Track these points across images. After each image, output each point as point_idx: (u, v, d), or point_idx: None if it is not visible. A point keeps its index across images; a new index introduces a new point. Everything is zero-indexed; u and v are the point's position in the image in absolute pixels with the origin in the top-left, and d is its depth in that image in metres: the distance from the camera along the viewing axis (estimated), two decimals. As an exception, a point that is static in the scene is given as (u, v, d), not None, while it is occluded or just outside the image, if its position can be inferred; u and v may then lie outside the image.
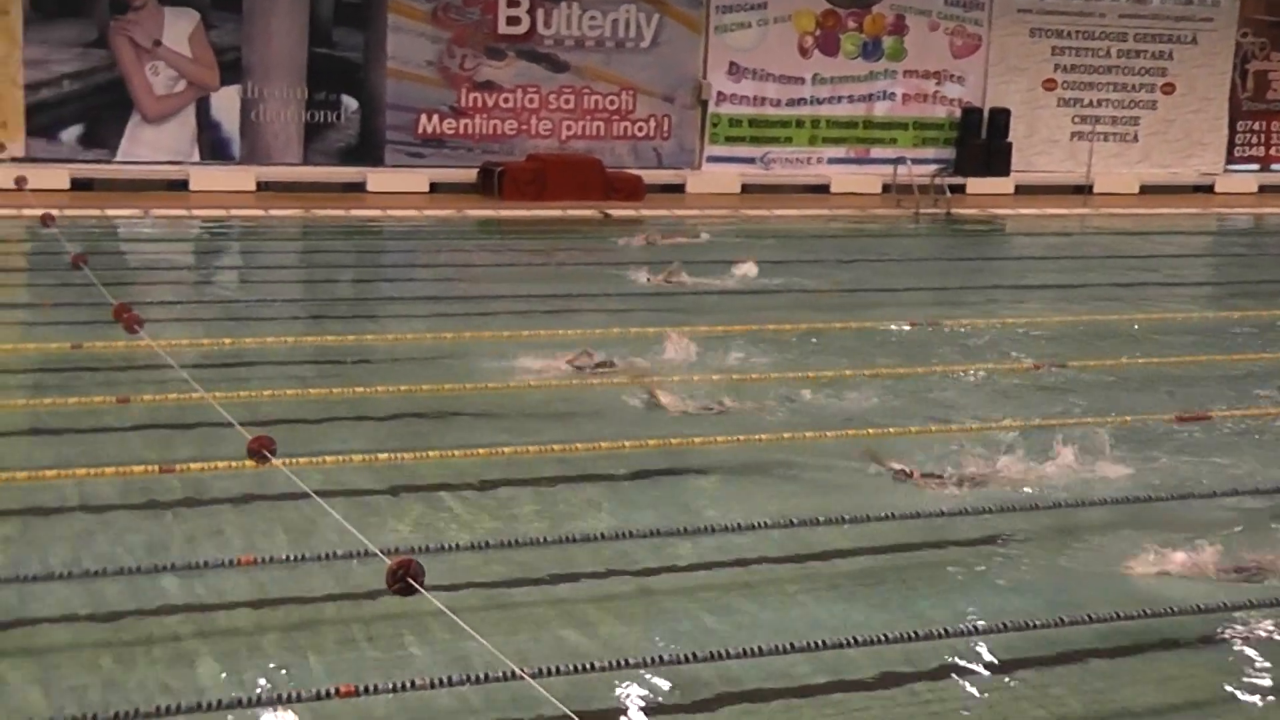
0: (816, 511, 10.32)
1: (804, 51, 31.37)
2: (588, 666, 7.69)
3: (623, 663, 7.83)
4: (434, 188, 28.36)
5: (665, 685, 7.74)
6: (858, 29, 31.67)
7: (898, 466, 11.21)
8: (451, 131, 29.42)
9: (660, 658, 7.90)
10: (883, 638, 8.16)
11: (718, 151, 31.19)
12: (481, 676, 7.48)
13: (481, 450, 11.46)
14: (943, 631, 8.31)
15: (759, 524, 10.06)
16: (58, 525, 9.88)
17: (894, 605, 9.00)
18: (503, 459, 11.32)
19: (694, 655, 7.87)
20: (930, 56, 32.22)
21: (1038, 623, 8.49)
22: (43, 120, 27.21)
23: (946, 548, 9.98)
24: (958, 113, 32.42)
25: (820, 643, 8.02)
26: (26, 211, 23.12)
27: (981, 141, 32.06)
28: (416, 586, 7.30)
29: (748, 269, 19.79)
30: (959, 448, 11.79)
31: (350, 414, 12.71)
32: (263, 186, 27.44)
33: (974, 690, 7.87)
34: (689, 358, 14.65)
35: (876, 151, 32.00)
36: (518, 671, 6.99)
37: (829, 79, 31.60)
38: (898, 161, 29.86)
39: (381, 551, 8.32)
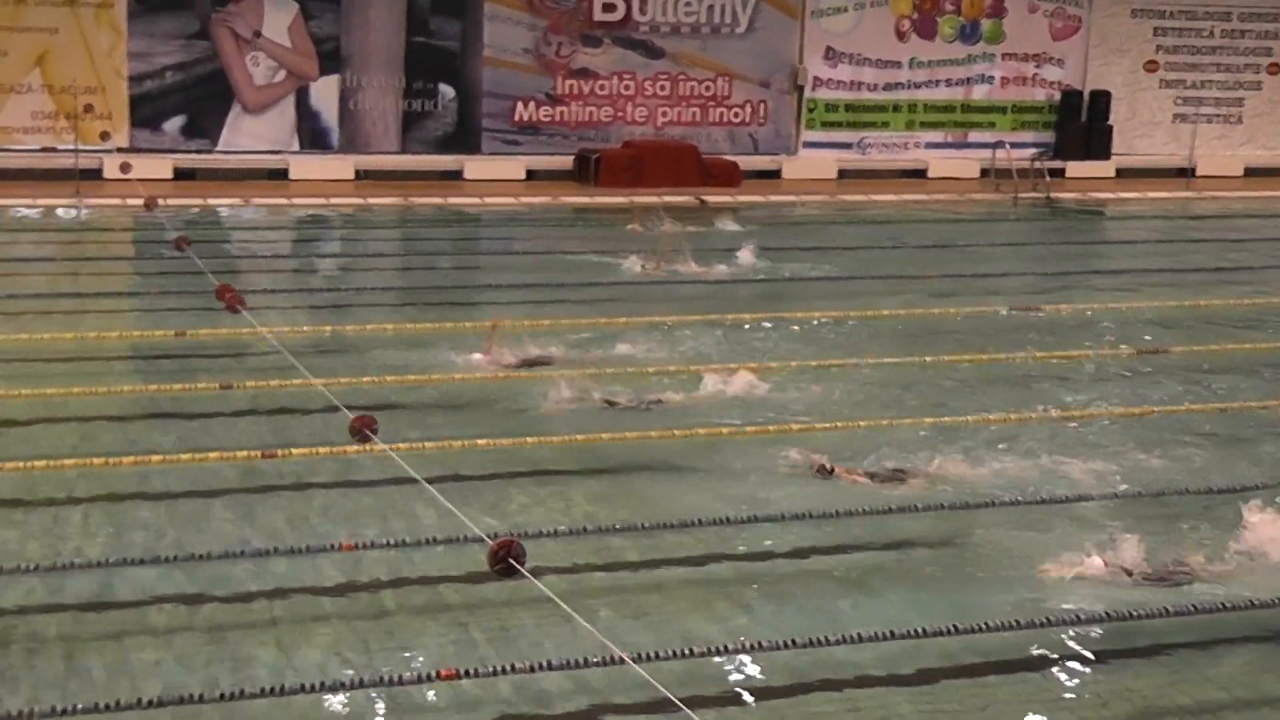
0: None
1: (901, 35, 31.16)
2: (688, 652, 7.70)
3: (724, 648, 7.82)
4: (530, 175, 28.45)
5: (766, 671, 7.73)
6: (955, 12, 31.42)
7: (821, 462, 10.80)
8: (548, 119, 29.47)
9: (759, 644, 7.87)
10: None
11: (814, 137, 31.06)
12: (582, 660, 7.50)
13: (580, 436, 11.49)
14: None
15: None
16: (163, 509, 10.02)
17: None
18: (599, 444, 11.35)
19: (791, 642, 7.85)
20: (1029, 39, 31.91)
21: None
22: (146, 111, 27.55)
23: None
24: (1057, 95, 32.10)
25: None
26: (131, 201, 23.41)
27: (1081, 124, 31.74)
28: (518, 567, 7.33)
29: (744, 255, 19.62)
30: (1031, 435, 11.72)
31: (449, 400, 12.75)
32: (361, 175, 27.65)
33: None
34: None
35: (974, 136, 31.74)
36: (620, 655, 6.98)
37: (926, 63, 31.38)
38: (996, 145, 29.60)
39: (483, 534, 8.34)
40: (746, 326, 15.72)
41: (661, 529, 9.60)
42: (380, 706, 7.29)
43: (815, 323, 16.09)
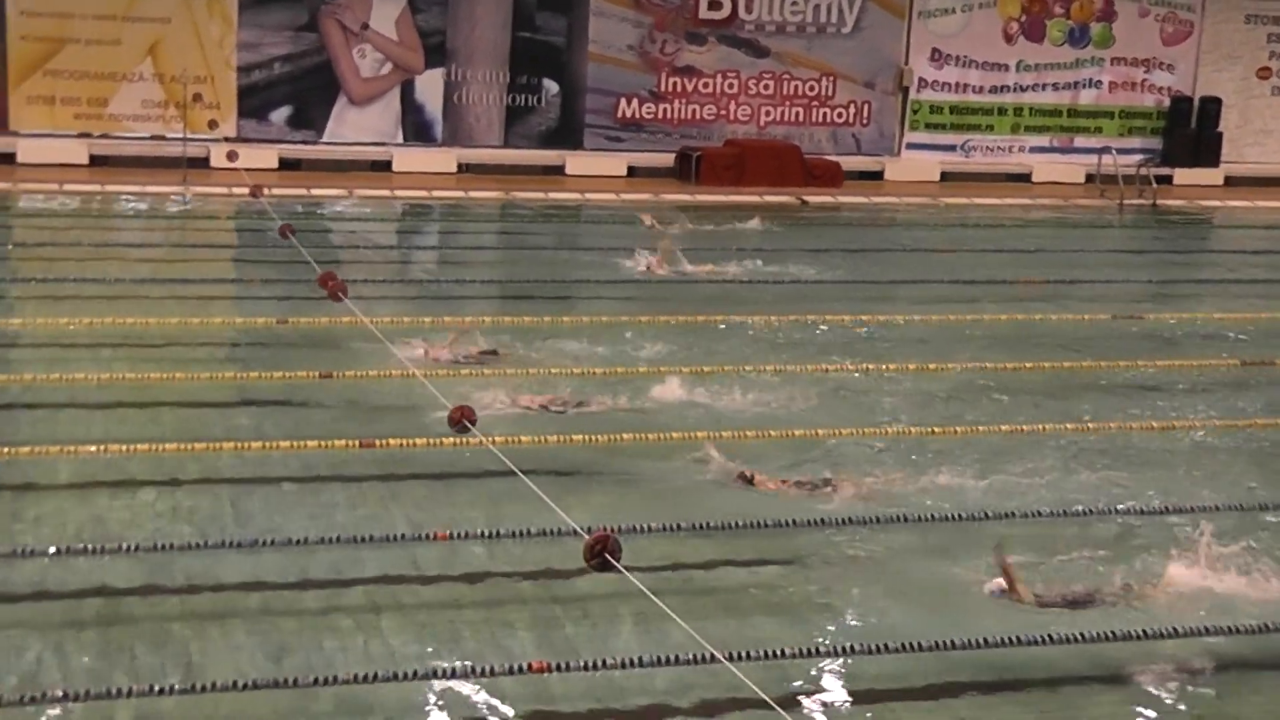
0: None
1: (1009, 38, 30.91)
2: (780, 653, 7.67)
3: (815, 650, 7.79)
4: (632, 171, 28.45)
5: (854, 675, 7.70)
6: (1065, 15, 31.11)
7: (742, 471, 10.59)
8: (650, 116, 29.48)
9: (851, 647, 7.84)
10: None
11: (918, 138, 30.88)
12: (673, 659, 7.50)
13: (675, 434, 11.48)
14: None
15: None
16: (261, 495, 10.13)
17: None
18: (685, 441, 11.35)
19: (884, 646, 7.81)
20: (1139, 44, 31.53)
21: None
22: (254, 102, 27.83)
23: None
24: (1166, 101, 31.70)
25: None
26: (237, 190, 23.65)
27: (1191, 131, 31.32)
28: (614, 563, 7.32)
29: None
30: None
31: (549, 392, 12.77)
32: (463, 168, 27.77)
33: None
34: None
35: (1080, 140, 31.42)
36: (714, 654, 6.97)
37: (1033, 66, 31.10)
38: (1102, 151, 29.28)
39: (580, 528, 8.34)
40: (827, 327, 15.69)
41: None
42: (471, 697, 7.33)
43: (859, 327, 16.06)
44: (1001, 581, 8.59)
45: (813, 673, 7.67)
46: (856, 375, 13.75)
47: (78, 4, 26.65)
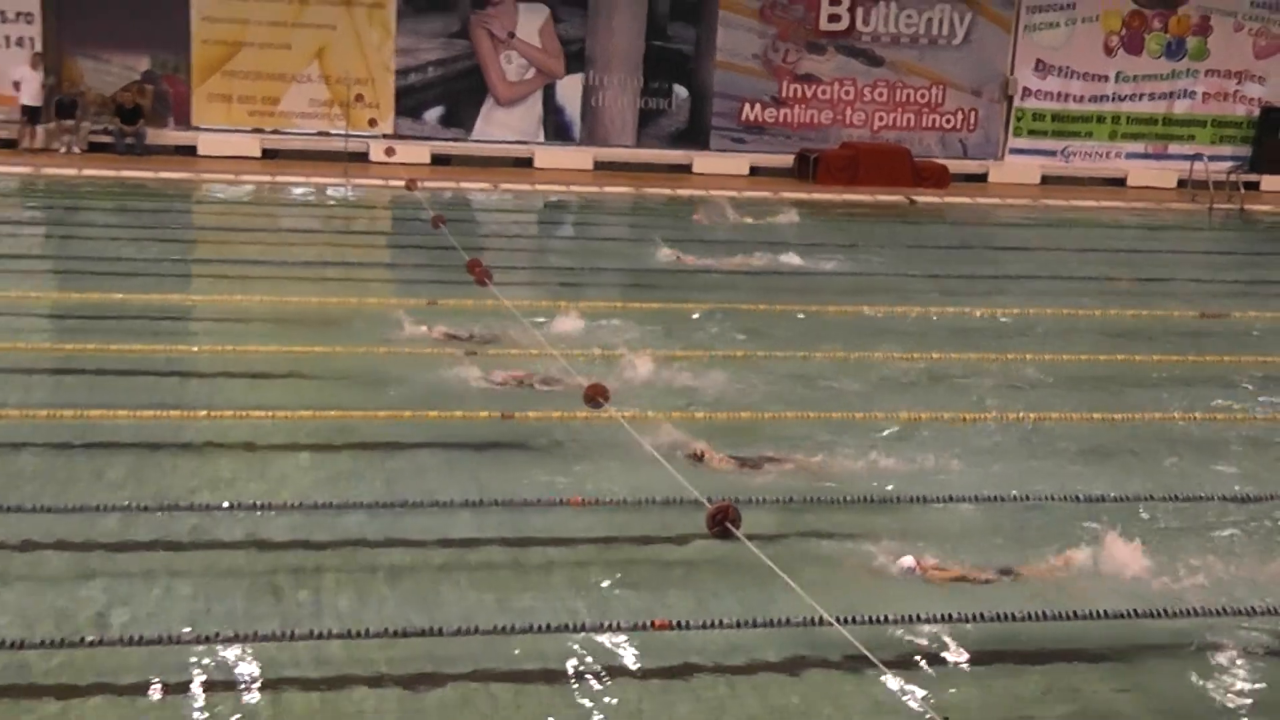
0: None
1: (1109, 50, 30.40)
2: (884, 619, 7.64)
3: (914, 617, 7.74)
4: (753, 171, 28.41)
5: (956, 639, 7.65)
6: (1163, 29, 30.54)
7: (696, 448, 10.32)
8: (772, 120, 29.39)
9: (949, 615, 7.77)
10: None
11: (1021, 144, 30.50)
12: (784, 620, 7.48)
13: (789, 414, 11.44)
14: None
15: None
16: (406, 460, 10.21)
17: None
18: (819, 420, 11.30)
19: (1012, 614, 7.75)
20: (1233, 56, 30.88)
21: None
22: (409, 102, 28.10)
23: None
24: (1256, 112, 31.03)
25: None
26: (393, 182, 23.89)
27: (1278, 140, 30.62)
28: (734, 531, 7.31)
29: (789, 257, 19.08)
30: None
31: (673, 373, 12.77)
32: (599, 166, 27.87)
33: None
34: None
35: (1174, 148, 30.84)
36: (825, 616, 6.94)
37: (1132, 77, 30.57)
38: (1194, 158, 28.71)
39: (702, 497, 8.34)
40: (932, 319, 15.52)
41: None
42: (595, 651, 7.36)
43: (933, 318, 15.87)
44: (910, 560, 8.40)
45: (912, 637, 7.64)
46: (959, 362, 13.65)
47: (253, 11, 27.02)
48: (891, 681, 7.00)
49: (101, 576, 7.99)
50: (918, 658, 7.43)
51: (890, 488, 9.88)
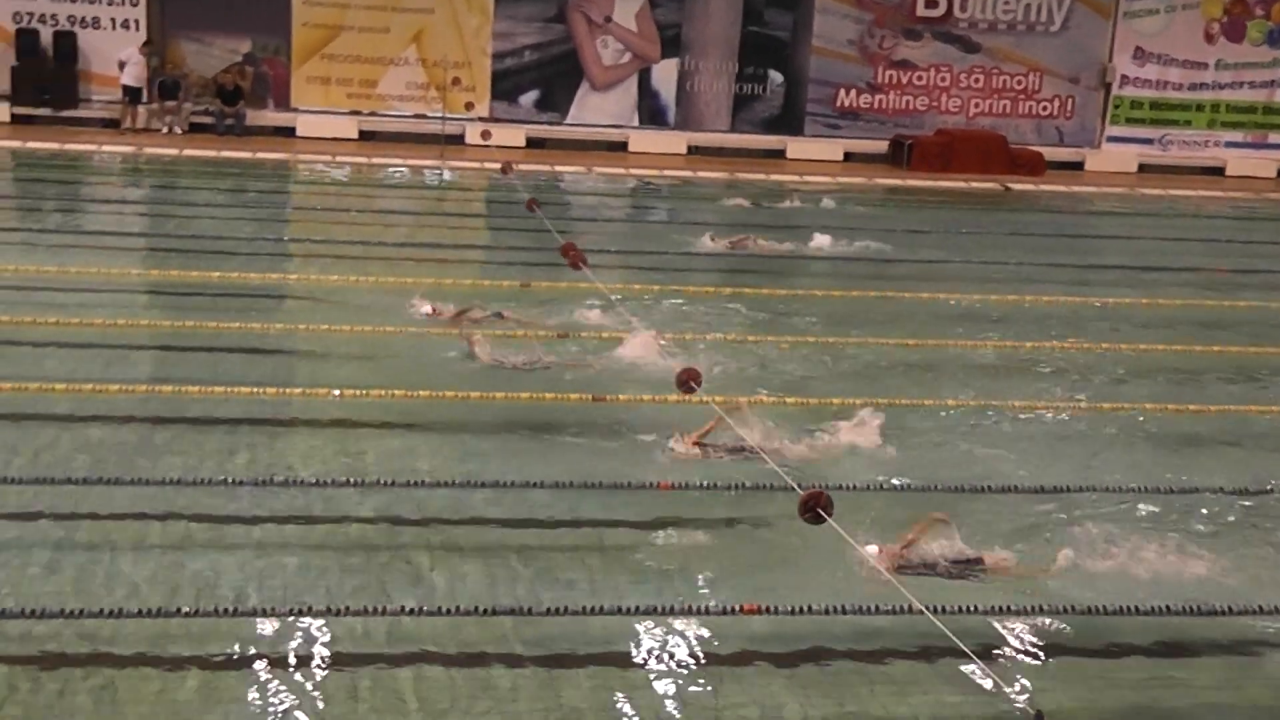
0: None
1: (1209, 38, 29.89)
2: (973, 608, 7.53)
3: (1006, 608, 7.63)
4: (847, 157, 28.22)
5: (1048, 632, 7.53)
6: (1265, 16, 29.97)
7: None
8: (867, 106, 29.18)
9: (1041, 606, 7.66)
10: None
11: (1117, 132, 30.07)
12: (873, 608, 7.40)
13: (882, 400, 11.32)
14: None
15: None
16: (500, 441, 10.20)
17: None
18: (907, 408, 11.20)
19: (1103, 608, 7.62)
20: (1336, 45, 30.32)
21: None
22: (505, 86, 28.17)
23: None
24: (1359, 101, 30.45)
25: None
26: (488, 165, 23.95)
27: (1381, 130, 30.03)
28: (826, 518, 7.24)
29: (822, 241, 18.75)
30: None
31: (765, 358, 12.70)
32: (692, 150, 27.80)
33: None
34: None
35: (1274, 137, 30.33)
36: (915, 604, 6.85)
37: (1232, 65, 30.03)
38: (1295, 147, 28.22)
39: (794, 484, 8.26)
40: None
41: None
42: (686, 633, 7.32)
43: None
44: (874, 549, 8.19)
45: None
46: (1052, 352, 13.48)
47: (353, -5, 27.28)
48: (982, 672, 6.90)
49: (213, 550, 8.07)
50: (1009, 649, 7.32)
51: (969, 475, 9.76)
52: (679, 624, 7.38)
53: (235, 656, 6.86)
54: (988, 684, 6.87)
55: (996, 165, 27.51)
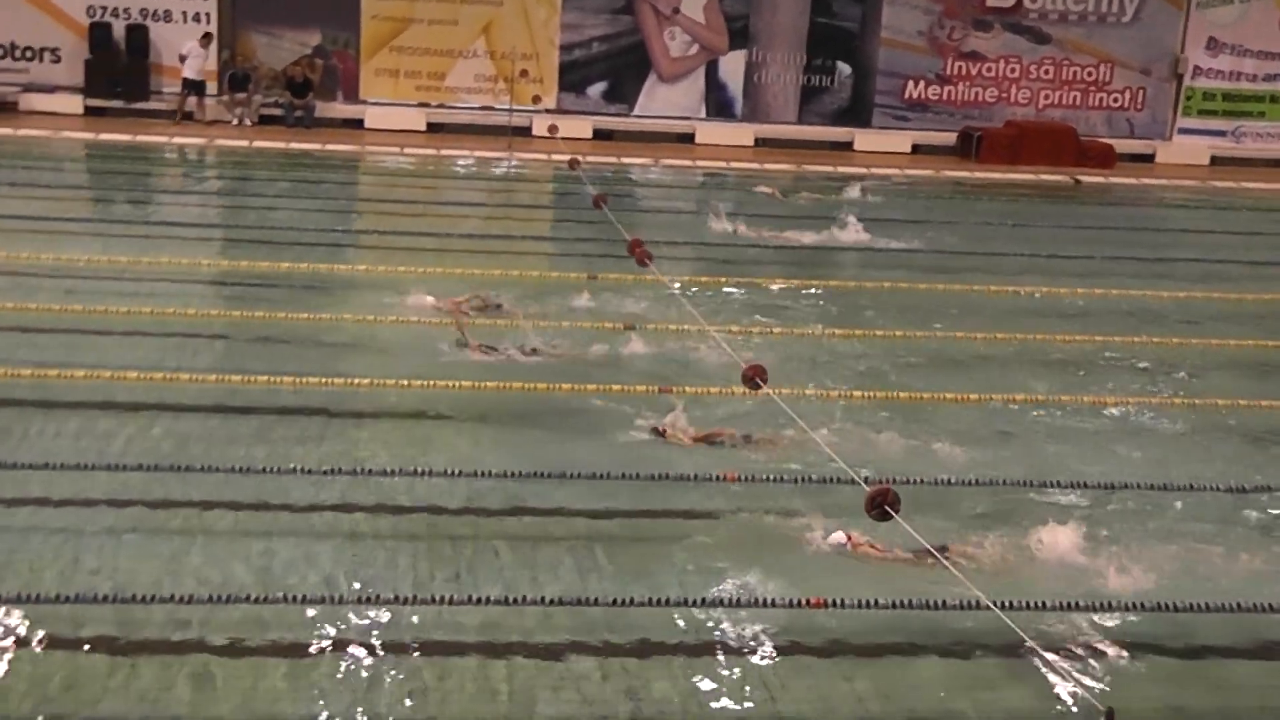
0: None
1: (1285, 28, 29.53)
2: (1041, 604, 7.46)
3: (1075, 603, 7.56)
4: (915, 149, 28.07)
5: (1119, 628, 7.46)
6: (1342, 6, 29.59)
7: (659, 426, 10.10)
8: (935, 97, 29.02)
9: (1107, 603, 7.58)
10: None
11: (1189, 124, 29.74)
12: (940, 603, 7.36)
13: (950, 394, 11.26)
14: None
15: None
16: (567, 431, 10.20)
17: None
18: (978, 403, 11.12)
19: (1174, 604, 7.53)
20: None
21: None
22: (573, 78, 28.21)
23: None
24: None
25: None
26: (555, 157, 23.98)
27: None
28: (893, 514, 7.20)
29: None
30: None
31: (832, 353, 12.65)
32: (760, 142, 27.74)
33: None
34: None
35: (1350, 129, 29.93)
36: (983, 600, 6.80)
37: (1307, 56, 29.68)
38: (1372, 139, 27.82)
39: (860, 479, 8.22)
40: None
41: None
42: (751, 625, 7.30)
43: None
44: (840, 536, 8.19)
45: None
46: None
47: (422, -13, 27.39)
48: (1050, 669, 6.84)
49: (288, 537, 8.15)
50: (1078, 646, 7.25)
51: (1036, 471, 9.68)
52: (744, 616, 7.37)
53: (327, 645, 6.91)
54: (1056, 680, 6.82)
55: (1066, 158, 27.28)
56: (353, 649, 6.90)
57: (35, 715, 6.25)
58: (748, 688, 6.78)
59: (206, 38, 26.31)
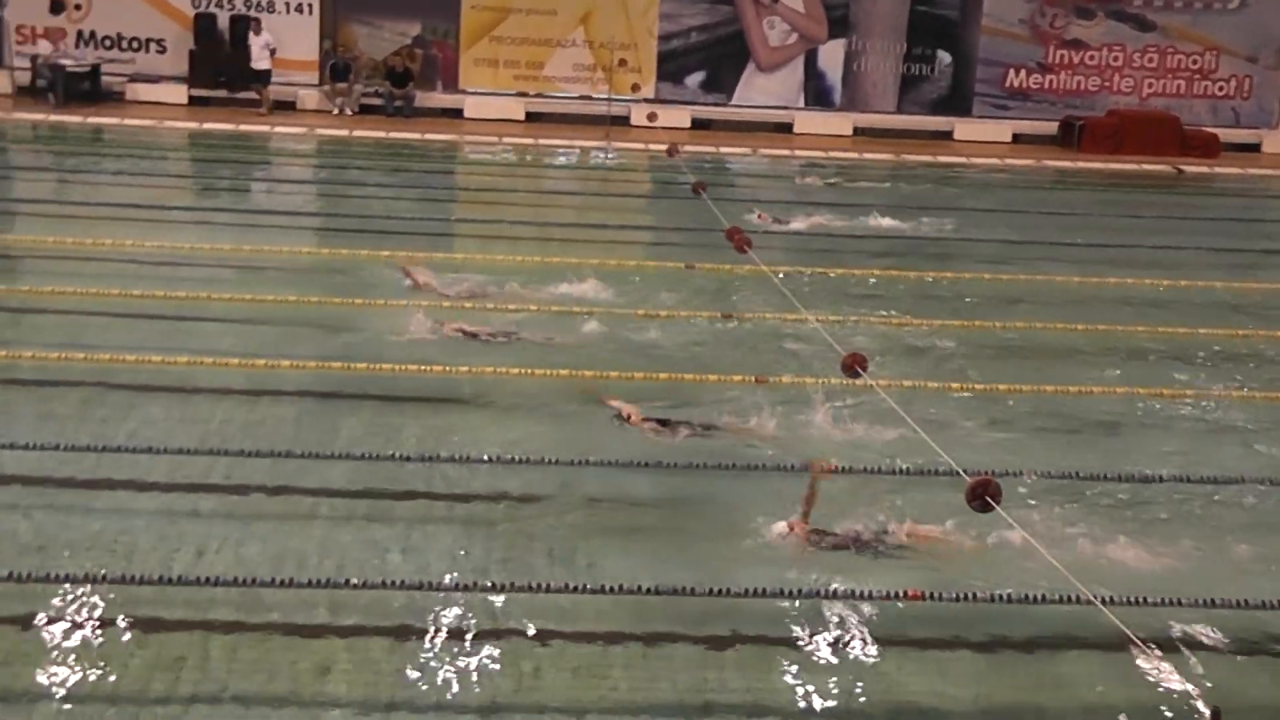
0: None
1: (1401, 12, 28.86)
2: (1143, 600, 7.33)
3: (1177, 600, 7.42)
4: (1016, 138, 27.74)
5: (1230, 624, 7.31)
6: None
7: (618, 407, 10.01)
8: (1036, 86, 28.64)
9: (1214, 600, 7.43)
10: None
11: (1297, 113, 29.19)
12: (1040, 597, 7.26)
13: (1049, 387, 11.11)
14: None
15: None
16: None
17: None
18: (1078, 395, 10.96)
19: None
20: None
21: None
22: (671, 67, 28.15)
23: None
24: None
25: None
26: (653, 146, 23.96)
27: None
28: (994, 506, 7.11)
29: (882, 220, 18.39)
30: None
31: (932, 344, 12.53)
32: (858, 132, 27.54)
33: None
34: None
35: None
36: (1085, 594, 6.69)
37: None
38: None
39: (961, 471, 8.13)
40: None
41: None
42: (850, 616, 7.25)
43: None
44: (783, 525, 8.15)
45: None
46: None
47: (522, -22, 27.45)
48: (1154, 666, 6.73)
49: (381, 522, 8.19)
50: (1183, 643, 7.12)
51: (1132, 462, 9.55)
52: (842, 608, 7.32)
53: (433, 630, 6.97)
54: (1160, 677, 6.71)
55: (1169, 147, 26.82)
56: (464, 633, 6.93)
57: (156, 695, 6.34)
58: (841, 680, 6.76)
59: (257, 24, 26.26)
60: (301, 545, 7.85)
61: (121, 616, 6.90)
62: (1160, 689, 6.72)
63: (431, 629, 6.96)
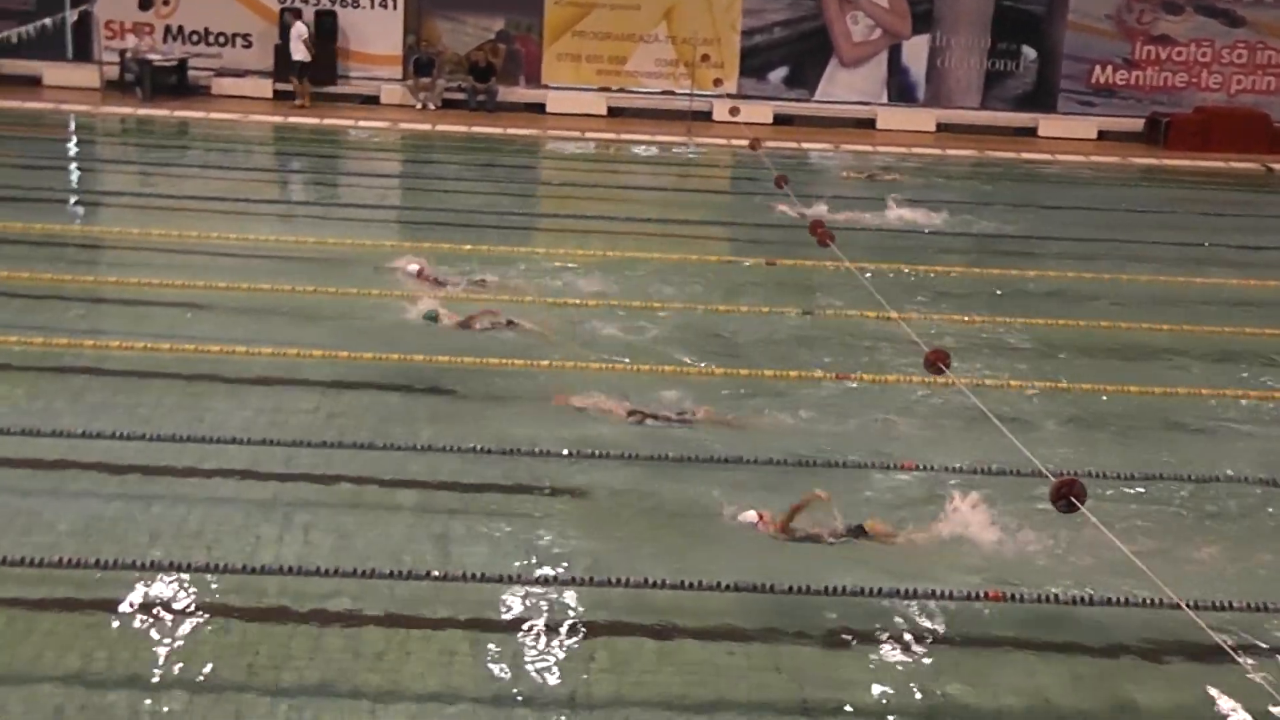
0: None
1: None
2: (1228, 604, 7.23)
3: (1264, 605, 7.31)
4: (1101, 135, 27.44)
5: None
6: None
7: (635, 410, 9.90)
8: (1122, 82, 28.32)
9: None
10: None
11: (1389, 110, 28.66)
12: (1124, 600, 7.19)
13: (1133, 388, 10.99)
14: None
15: None
16: (741, 412, 10.14)
17: None
18: (1164, 396, 10.84)
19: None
20: None
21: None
22: (754, 62, 28.09)
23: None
24: None
25: None
26: (735, 141, 23.91)
27: None
28: (1079, 506, 7.04)
29: (901, 212, 18.14)
30: None
31: (1015, 342, 12.42)
32: (941, 128, 27.35)
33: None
34: None
35: None
36: (1171, 597, 6.61)
37: None
38: None
39: (1047, 471, 8.06)
40: None
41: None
42: (925, 615, 7.23)
43: None
44: (751, 515, 8.13)
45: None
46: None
47: (606, -27, 27.48)
48: (1243, 671, 6.63)
49: (464, 515, 8.25)
50: (1272, 649, 7.03)
51: (1215, 465, 9.45)
52: (921, 607, 7.28)
53: (506, 621, 7.02)
54: (1246, 683, 6.61)
55: (1258, 144, 26.45)
56: (528, 624, 6.95)
57: (234, 682, 6.40)
58: (920, 679, 6.75)
59: (295, 13, 26.38)
60: (383, 536, 7.90)
61: (200, 606, 6.98)
62: (1245, 696, 6.62)
63: (503, 620, 6.98)
